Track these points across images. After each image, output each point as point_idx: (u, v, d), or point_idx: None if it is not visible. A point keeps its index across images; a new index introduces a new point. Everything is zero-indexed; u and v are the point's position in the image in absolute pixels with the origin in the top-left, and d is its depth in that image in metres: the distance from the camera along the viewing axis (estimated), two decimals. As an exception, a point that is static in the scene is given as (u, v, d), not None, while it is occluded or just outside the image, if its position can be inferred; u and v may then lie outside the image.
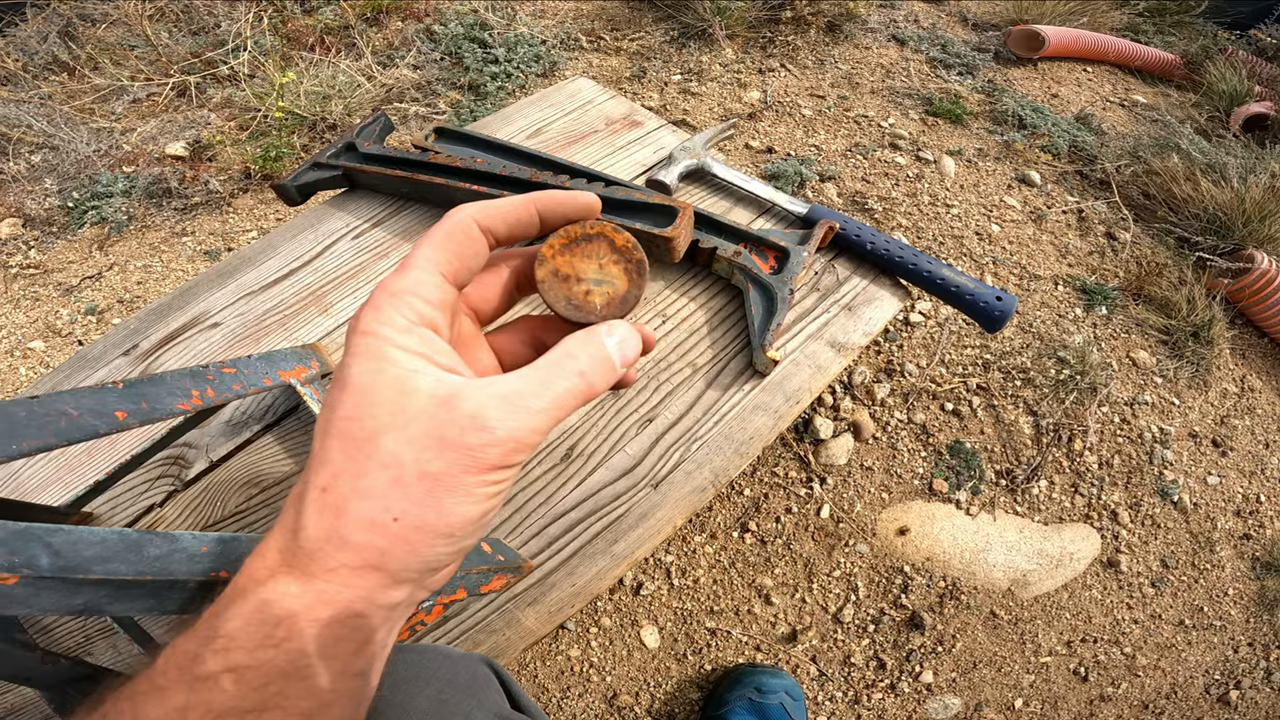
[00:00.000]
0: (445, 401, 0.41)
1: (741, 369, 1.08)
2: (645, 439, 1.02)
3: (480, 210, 0.47)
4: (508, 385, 0.42)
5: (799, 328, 1.14)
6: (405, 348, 0.42)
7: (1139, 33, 3.55)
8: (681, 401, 1.05)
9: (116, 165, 2.40)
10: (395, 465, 0.39)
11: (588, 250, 0.49)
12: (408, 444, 0.40)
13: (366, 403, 0.40)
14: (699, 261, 1.18)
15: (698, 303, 1.16)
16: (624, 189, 1.08)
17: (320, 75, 2.63)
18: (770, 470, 1.77)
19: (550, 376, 0.43)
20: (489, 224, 0.47)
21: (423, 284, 0.44)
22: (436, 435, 0.40)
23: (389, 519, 0.39)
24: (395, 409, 0.40)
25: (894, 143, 2.56)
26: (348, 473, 0.40)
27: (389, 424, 0.40)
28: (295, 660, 0.38)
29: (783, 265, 1.12)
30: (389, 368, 0.41)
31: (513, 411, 0.41)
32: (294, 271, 1.19)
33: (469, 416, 0.40)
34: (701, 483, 0.99)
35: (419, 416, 0.40)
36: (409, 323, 0.43)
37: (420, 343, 0.43)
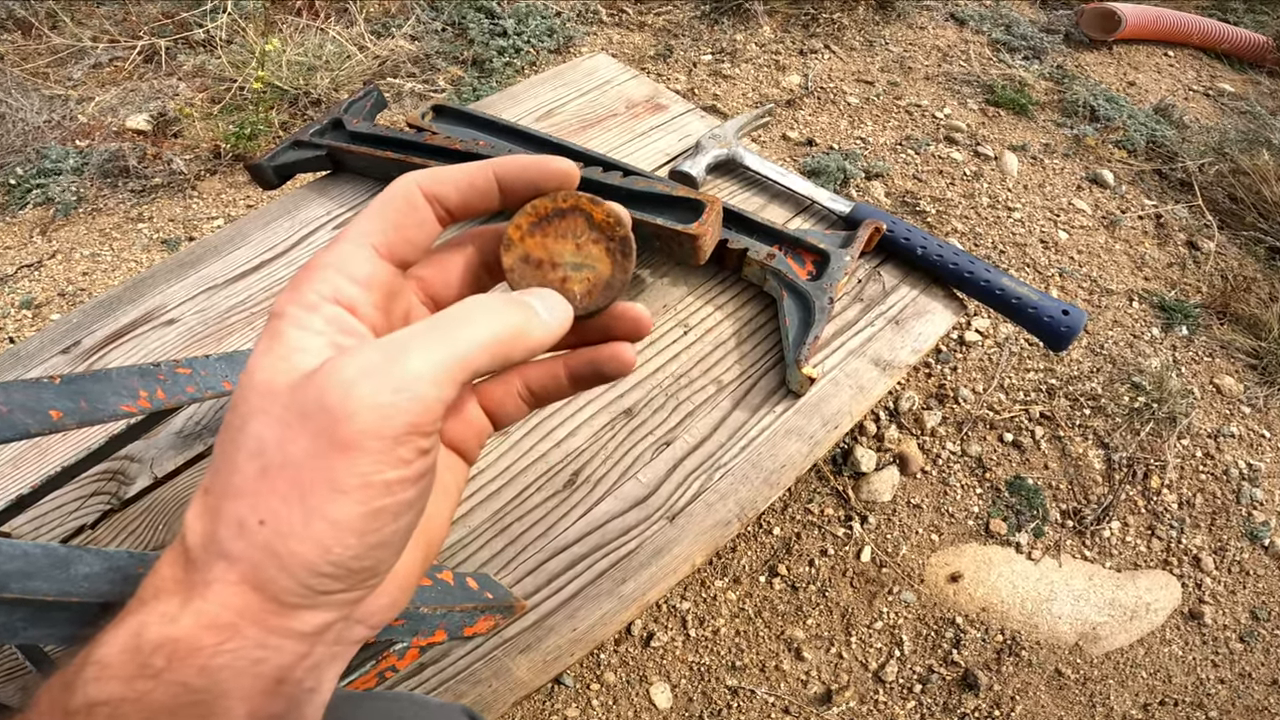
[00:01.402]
0: (313, 372, 0.37)
1: (773, 388, 1.08)
2: (661, 465, 1.01)
3: (426, 176, 0.45)
4: (383, 341, 0.38)
5: (839, 342, 1.13)
6: (304, 327, 0.39)
7: (1227, 11, 3.51)
8: (704, 423, 1.04)
9: (69, 138, 2.40)
10: (260, 453, 0.36)
11: (561, 228, 0.46)
12: (270, 425, 0.36)
13: (249, 387, 0.38)
14: (727, 265, 1.18)
15: (725, 311, 1.15)
16: (644, 180, 1.08)
17: (306, 43, 2.63)
18: (803, 506, 1.75)
19: (444, 321, 0.39)
20: (436, 191, 0.45)
21: (348, 257, 0.42)
22: (297, 410, 0.36)
23: (255, 521, 0.35)
24: (269, 390, 0.37)
25: (950, 136, 2.56)
26: (222, 467, 0.37)
27: (258, 407, 0.37)
28: (181, 696, 0.35)
29: (822, 271, 1.12)
30: (277, 347, 0.38)
31: (385, 366, 0.36)
32: (265, 264, 1.19)
33: (333, 382, 0.35)
34: (725, 516, 0.97)
35: (286, 395, 0.36)
36: (318, 299, 0.40)
37: (324, 322, 0.39)
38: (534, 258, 0.46)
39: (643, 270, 1.18)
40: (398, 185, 0.44)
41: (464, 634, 0.77)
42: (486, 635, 0.88)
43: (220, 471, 0.37)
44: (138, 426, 0.93)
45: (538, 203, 0.46)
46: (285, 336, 0.39)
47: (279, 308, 0.40)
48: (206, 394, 0.86)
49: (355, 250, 0.42)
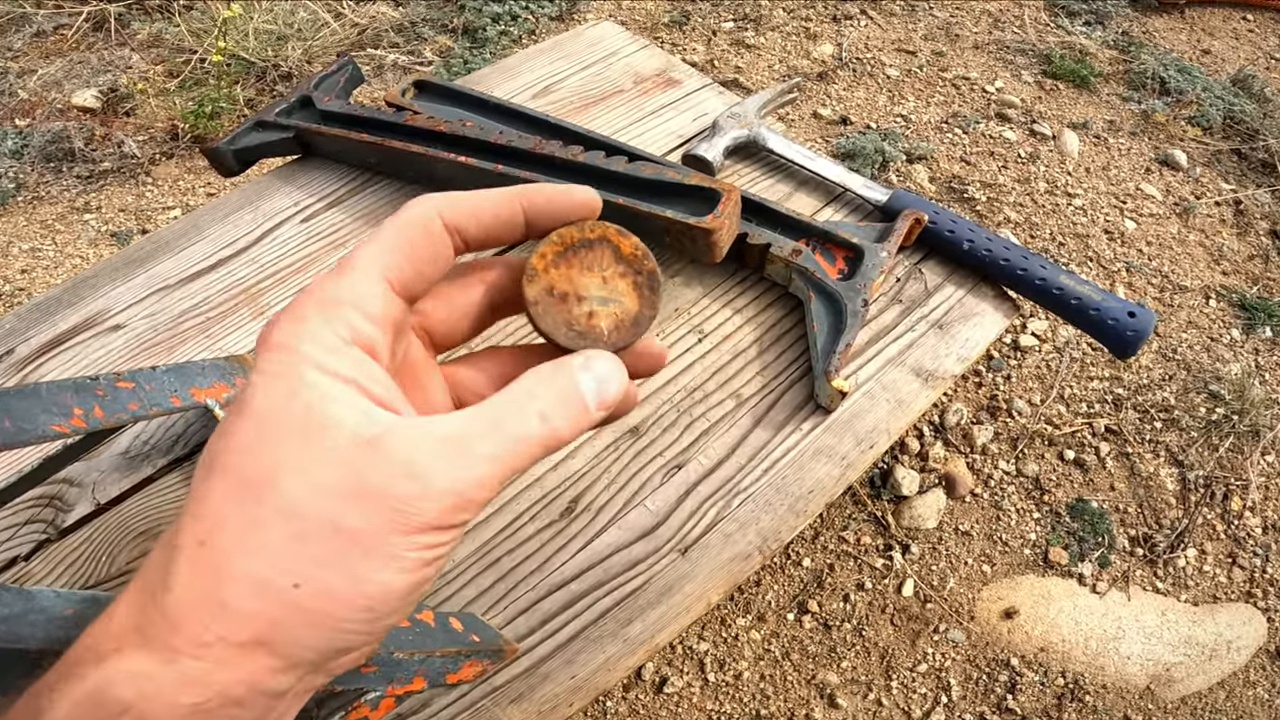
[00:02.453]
0: (370, 441, 0.39)
1: (799, 403, 1.07)
2: (672, 490, 1.00)
3: (448, 202, 0.46)
4: (449, 426, 0.41)
5: (875, 350, 1.12)
6: (329, 371, 0.40)
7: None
8: (721, 443, 1.03)
9: (7, 116, 2.41)
10: (298, 516, 0.38)
11: (588, 259, 0.48)
12: (316, 490, 0.38)
13: (268, 434, 0.39)
14: (748, 262, 1.17)
15: (744, 316, 1.14)
16: (652, 166, 1.07)
17: (276, 9, 2.63)
18: (837, 535, 1.75)
19: (503, 416, 0.42)
20: (457, 221, 0.46)
21: (364, 294, 0.43)
22: (354, 482, 0.38)
23: (287, 583, 0.37)
24: (304, 444, 0.39)
25: (1002, 113, 2.55)
26: (235, 521, 0.38)
27: (293, 463, 0.38)
28: None
29: (855, 268, 1.11)
30: (303, 392, 0.40)
31: (455, 458, 0.40)
32: (224, 262, 1.18)
33: (399, 462, 0.39)
34: (745, 548, 0.96)
35: (333, 456, 0.39)
36: (340, 341, 0.42)
37: (352, 367, 0.41)
38: (558, 290, 0.47)
39: None
40: (415, 211, 0.45)
41: (447, 681, 0.76)
42: (473, 683, 0.87)
43: (229, 524, 0.37)
44: (76, 446, 0.93)
45: (563, 232, 0.47)
46: (308, 380, 0.40)
47: (285, 340, 0.41)
48: (152, 411, 0.85)
49: (370, 284, 0.43)
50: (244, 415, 0.39)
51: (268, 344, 0.41)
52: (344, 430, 0.39)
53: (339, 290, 0.42)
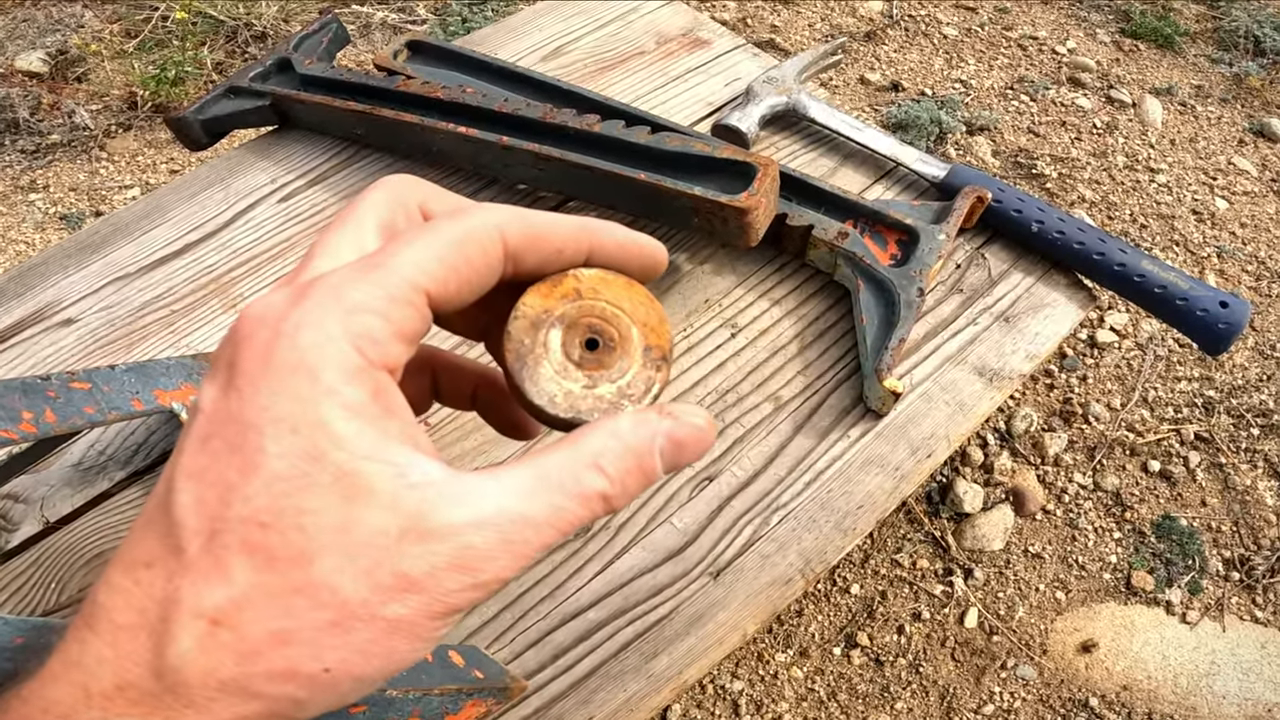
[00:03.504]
0: (415, 525, 0.38)
1: (846, 406, 1.06)
2: (702, 506, 0.99)
3: (520, 222, 0.45)
4: (505, 507, 0.40)
5: (932, 346, 1.12)
6: (355, 410, 0.39)
7: None
8: (757, 453, 1.03)
9: (-57, 83, 2.41)
10: (336, 605, 0.37)
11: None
12: (358, 579, 0.38)
13: (295, 506, 0.38)
14: (787, 247, 1.16)
15: (783, 308, 1.14)
16: (678, 137, 1.06)
17: (246, -38, 2.63)
18: (889, 558, 1.75)
19: (563, 498, 0.41)
20: (519, 246, 0.45)
21: (401, 305, 0.41)
22: (399, 572, 0.38)
23: (317, 669, 0.37)
24: (341, 523, 0.38)
25: (1075, 77, 2.55)
26: (262, 606, 0.37)
27: (330, 544, 0.38)
28: None
29: (909, 253, 1.10)
30: (332, 453, 0.38)
31: (509, 549, 0.40)
32: (190, 247, 1.18)
33: (449, 552, 0.39)
34: (786, 571, 0.96)
35: (375, 540, 0.38)
36: (364, 364, 0.39)
37: (374, 402, 0.40)
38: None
39: (678, 255, 1.17)
40: (481, 222, 0.44)
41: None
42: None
43: (255, 608, 0.37)
44: (22, 457, 0.93)
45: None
46: (334, 433, 0.38)
47: (300, 357, 0.39)
48: (110, 415, 0.85)
49: (408, 292, 0.41)
50: (256, 469, 0.38)
51: (274, 350, 0.39)
52: (381, 504, 0.38)
53: (370, 294, 0.40)
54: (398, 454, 0.39)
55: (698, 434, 0.45)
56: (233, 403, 0.38)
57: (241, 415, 0.38)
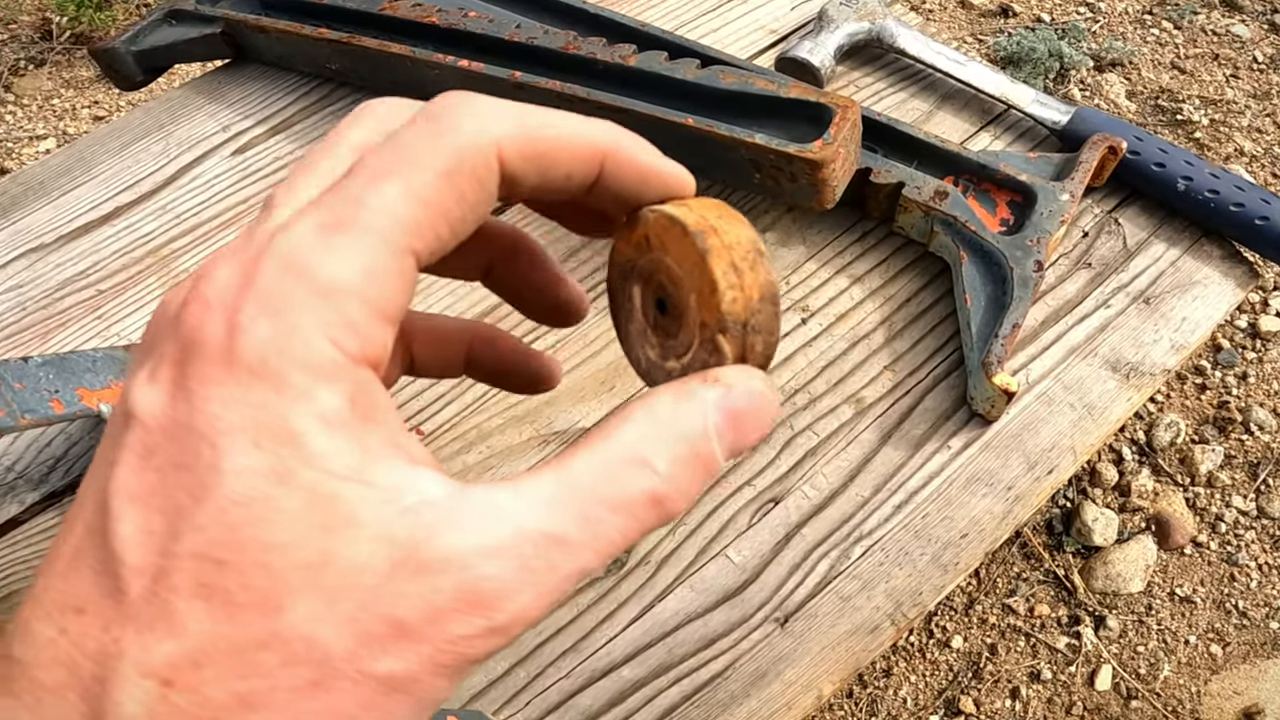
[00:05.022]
0: (410, 556, 0.36)
1: (946, 409, 1.05)
2: (766, 534, 0.98)
3: (520, 130, 0.41)
4: (527, 525, 0.38)
5: (1053, 334, 1.10)
6: (331, 419, 0.37)
7: None
8: (834, 468, 1.02)
9: None
10: (314, 660, 0.35)
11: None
12: (340, 627, 0.35)
13: (258, 538, 0.35)
14: (871, 210, 1.15)
15: (866, 286, 1.12)
16: (734, 73, 1.05)
17: None
18: (1000, 602, 1.75)
19: (600, 507, 0.39)
20: (518, 164, 0.42)
21: (382, 277, 0.38)
22: (393, 617, 0.36)
23: None
24: (317, 559, 0.36)
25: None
26: (223, 662, 0.35)
27: (304, 585, 0.36)
28: None
29: (1024, 218, 1.09)
30: (303, 471, 0.36)
31: (534, 580, 0.37)
32: (122, 211, 1.18)
33: (456, 587, 0.36)
34: (871, 617, 0.95)
35: (363, 582, 0.36)
36: (340, 360, 0.37)
37: (352, 407, 0.38)
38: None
39: None
40: (472, 138, 0.41)
41: (444, 809, 0.75)
42: (481, 811, 0.87)
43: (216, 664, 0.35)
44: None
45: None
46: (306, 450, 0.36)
47: (260, 354, 0.36)
48: (23, 420, 0.85)
49: (390, 258, 0.39)
50: (210, 496, 0.35)
51: (230, 355, 0.36)
52: (365, 535, 0.36)
53: (342, 267, 0.38)
54: (386, 470, 0.37)
55: (757, 400, 0.43)
56: (180, 410, 0.36)
57: (192, 425, 0.36)
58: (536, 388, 0.57)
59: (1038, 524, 1.75)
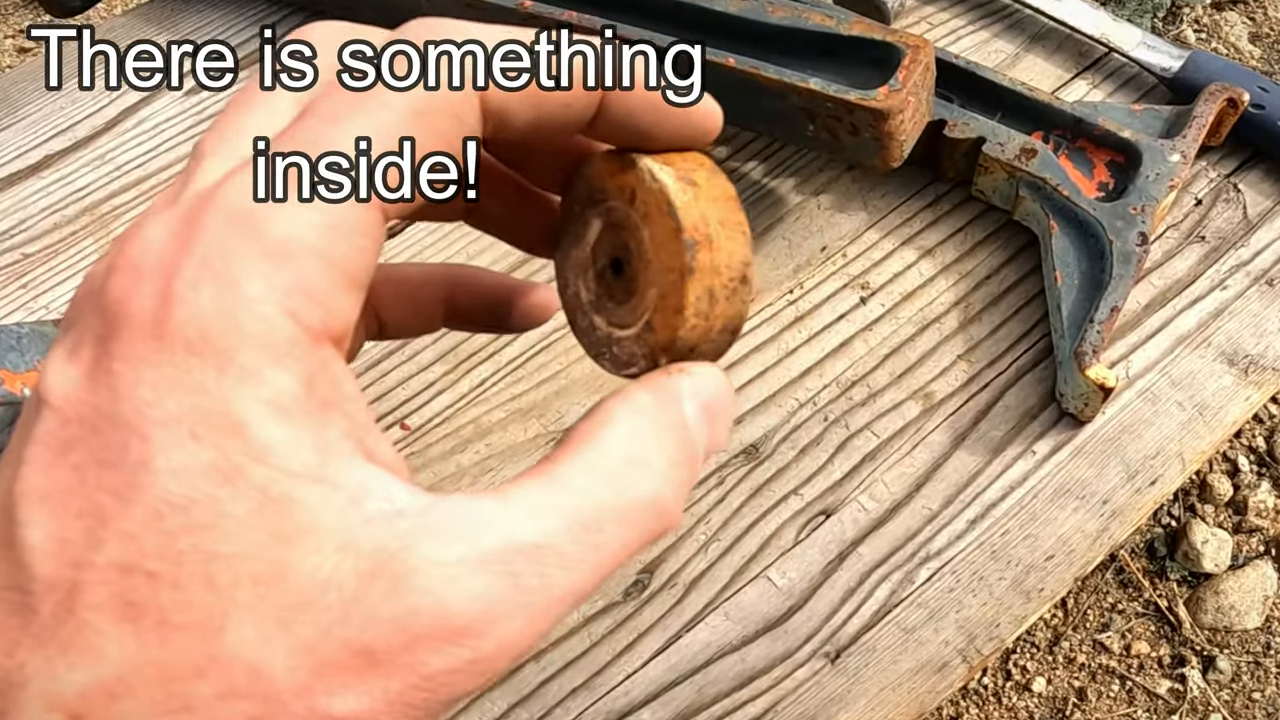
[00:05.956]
0: (380, 570, 0.35)
1: (1030, 406, 1.02)
2: (815, 553, 0.95)
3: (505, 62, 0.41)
4: (517, 538, 0.37)
5: (1159, 320, 1.07)
6: (285, 406, 0.35)
7: None
8: (897, 476, 0.99)
9: None
10: (259, 693, 0.34)
11: None
12: (293, 655, 0.34)
13: (197, 547, 0.33)
14: (945, 170, 1.12)
15: (937, 261, 1.10)
16: (784, 5, 1.03)
17: None
18: (1091, 637, 1.74)
19: (596, 515, 0.39)
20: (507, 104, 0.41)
21: (344, 230, 0.37)
22: (357, 645, 0.34)
23: None
24: (267, 571, 0.34)
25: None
26: (147, 693, 0.33)
27: (251, 603, 0.34)
28: None
29: (1127, 182, 1.06)
30: (252, 468, 0.34)
31: (524, 602, 0.36)
32: (52, 161, 1.17)
33: (434, 610, 0.35)
34: (939, 653, 0.92)
35: (322, 600, 0.34)
36: (298, 334, 0.36)
37: (310, 393, 0.36)
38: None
39: (782, 180, 1.14)
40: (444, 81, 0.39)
41: None
42: None
43: (138, 697, 0.33)
44: None
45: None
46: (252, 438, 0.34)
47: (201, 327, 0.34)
48: None
49: (358, 214, 0.37)
50: (139, 497, 0.33)
51: (162, 329, 0.34)
52: (330, 546, 0.34)
53: (298, 224, 0.36)
54: (348, 468, 0.36)
55: (721, 390, 0.45)
56: (103, 395, 0.34)
57: (117, 413, 0.34)
58: (529, 324, 0.59)
59: (1137, 546, 1.73)
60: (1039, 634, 1.66)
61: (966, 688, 1.43)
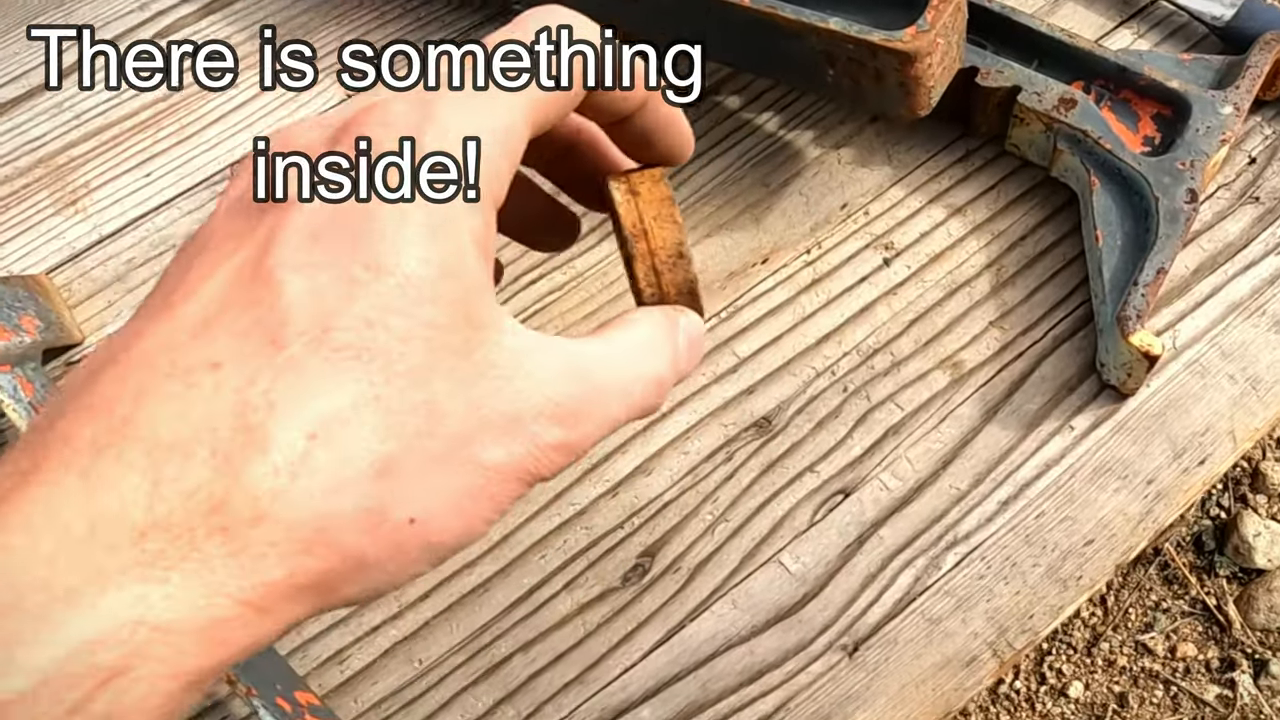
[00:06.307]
0: (522, 359, 0.47)
1: (1069, 378, 1.01)
2: (833, 535, 0.94)
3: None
4: (591, 368, 0.51)
5: (1209, 285, 1.05)
6: (476, 241, 0.47)
7: None
8: (922, 451, 0.97)
9: None
10: (445, 434, 0.44)
11: None
12: (469, 409, 0.45)
13: (424, 316, 0.44)
14: (976, 122, 1.11)
15: (968, 220, 1.08)
16: None
17: None
18: (1132, 638, 1.72)
19: (630, 375, 0.53)
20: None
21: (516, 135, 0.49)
22: (508, 408, 0.46)
23: (404, 517, 0.43)
24: (462, 344, 0.45)
25: None
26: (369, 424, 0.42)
27: (448, 365, 0.45)
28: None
29: (1174, 136, 1.04)
30: (463, 274, 0.45)
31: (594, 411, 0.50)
32: (5, 109, 1.17)
33: (549, 402, 0.47)
34: (966, 646, 0.90)
35: (490, 373, 0.46)
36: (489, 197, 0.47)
37: (486, 238, 0.48)
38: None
39: (800, 132, 1.13)
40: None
41: None
42: None
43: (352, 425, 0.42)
44: None
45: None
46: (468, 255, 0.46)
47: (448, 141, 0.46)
48: None
49: (526, 131, 0.50)
50: (388, 271, 0.43)
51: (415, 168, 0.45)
52: (500, 337, 0.46)
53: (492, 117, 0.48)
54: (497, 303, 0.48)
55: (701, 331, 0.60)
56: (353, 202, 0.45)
57: (369, 215, 0.44)
58: (561, 244, 0.72)
59: (1183, 539, 1.71)
60: (1076, 634, 1.64)
61: (997, 691, 1.41)
